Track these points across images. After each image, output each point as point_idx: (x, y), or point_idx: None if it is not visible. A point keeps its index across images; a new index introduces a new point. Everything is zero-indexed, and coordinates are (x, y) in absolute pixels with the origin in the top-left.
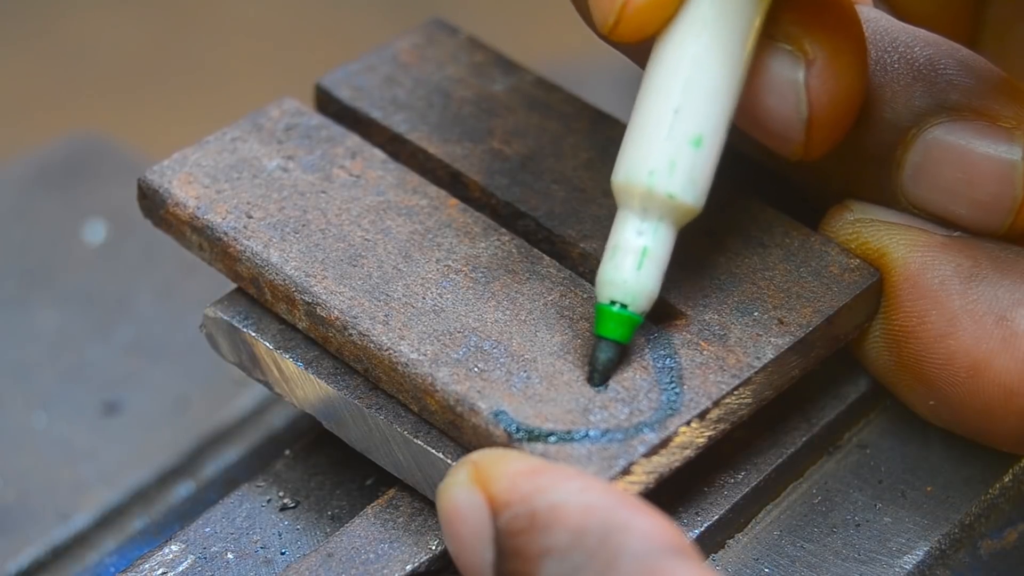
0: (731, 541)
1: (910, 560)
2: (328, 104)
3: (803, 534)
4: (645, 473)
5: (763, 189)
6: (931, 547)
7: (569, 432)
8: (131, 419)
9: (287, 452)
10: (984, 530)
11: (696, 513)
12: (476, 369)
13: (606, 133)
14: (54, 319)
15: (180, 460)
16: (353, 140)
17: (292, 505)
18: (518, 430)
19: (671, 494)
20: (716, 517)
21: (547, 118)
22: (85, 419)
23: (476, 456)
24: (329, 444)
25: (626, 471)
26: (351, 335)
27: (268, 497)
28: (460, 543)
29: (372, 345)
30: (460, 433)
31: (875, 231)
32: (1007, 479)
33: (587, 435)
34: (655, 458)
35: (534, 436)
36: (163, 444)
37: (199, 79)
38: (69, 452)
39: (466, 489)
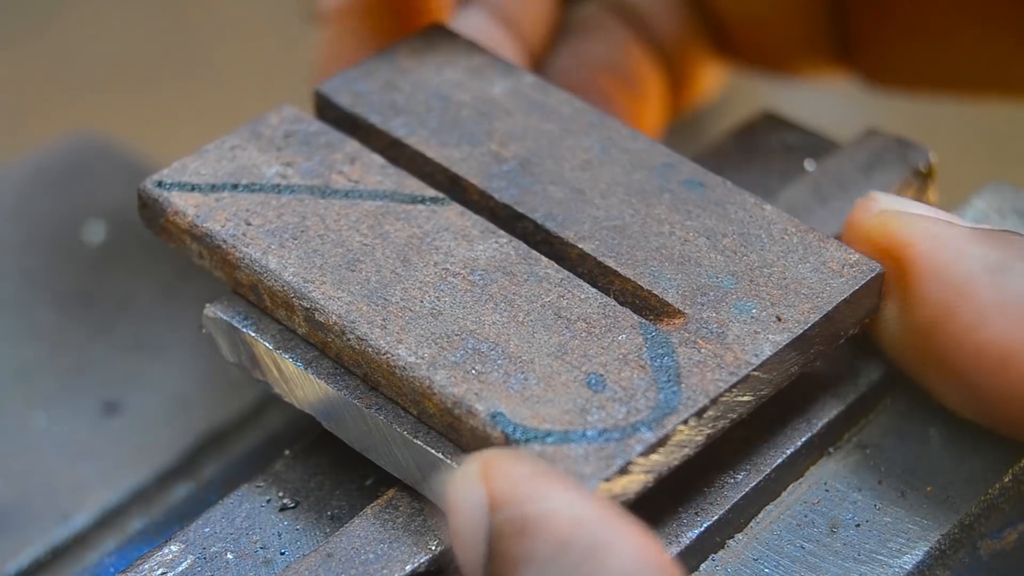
0: (731, 541)
1: (910, 560)
2: (328, 110)
3: (803, 534)
4: (643, 472)
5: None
6: (931, 547)
7: (566, 432)
8: (131, 419)
9: (287, 452)
10: (984, 530)
11: (696, 513)
12: (474, 371)
13: (604, 134)
14: (54, 319)
15: (180, 460)
16: (352, 146)
17: (292, 505)
18: (515, 431)
19: (671, 494)
20: (716, 517)
21: (545, 120)
22: (85, 419)
23: (491, 452)
24: (329, 444)
25: (623, 470)
26: (349, 340)
27: (268, 497)
28: (458, 536)
29: (370, 349)
30: (458, 435)
31: (901, 223)
32: (1007, 479)
33: (584, 435)
34: (653, 457)
35: (531, 437)
36: (163, 444)
37: (199, 79)
38: (69, 452)
39: (473, 483)
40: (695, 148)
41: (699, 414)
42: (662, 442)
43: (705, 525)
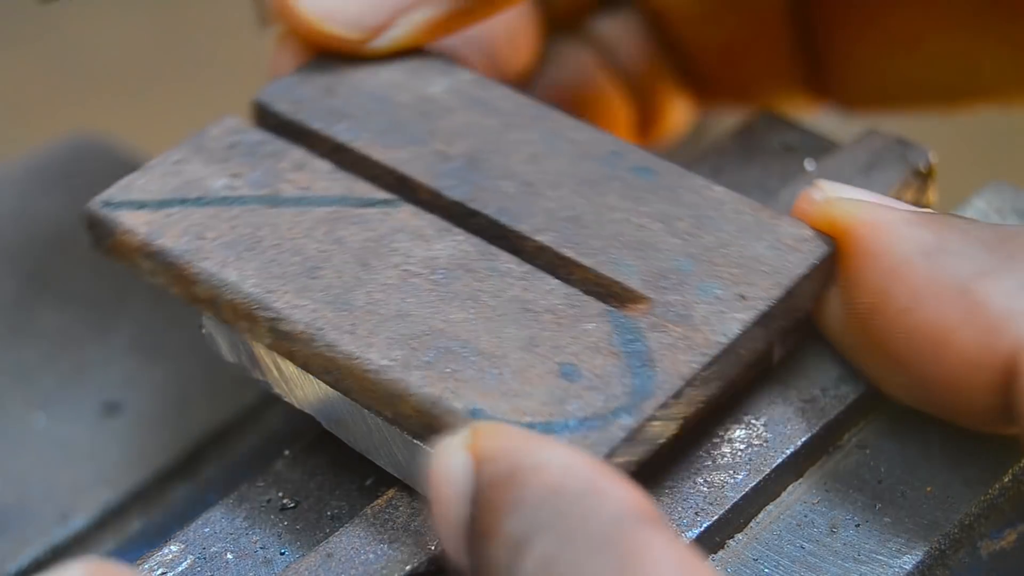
0: (731, 541)
1: (910, 560)
2: (267, 119)
3: (803, 534)
4: (627, 457)
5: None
6: (931, 547)
7: (548, 423)
8: (131, 419)
9: (287, 452)
10: (984, 530)
11: (696, 513)
12: (448, 370)
13: (548, 126)
14: (54, 320)
15: (180, 460)
16: (297, 153)
17: (292, 505)
18: None
19: (671, 494)
20: (716, 517)
21: (487, 115)
22: (85, 419)
23: (478, 424)
24: (329, 444)
25: (609, 456)
26: (318, 347)
27: (268, 497)
28: (441, 501)
29: (340, 355)
30: (438, 436)
31: (841, 209)
32: (1007, 479)
33: (566, 425)
34: (635, 441)
35: None
36: (163, 444)
37: (199, 79)
38: (69, 452)
39: (456, 450)
40: (695, 148)
41: (676, 396)
42: (643, 426)
43: (705, 525)
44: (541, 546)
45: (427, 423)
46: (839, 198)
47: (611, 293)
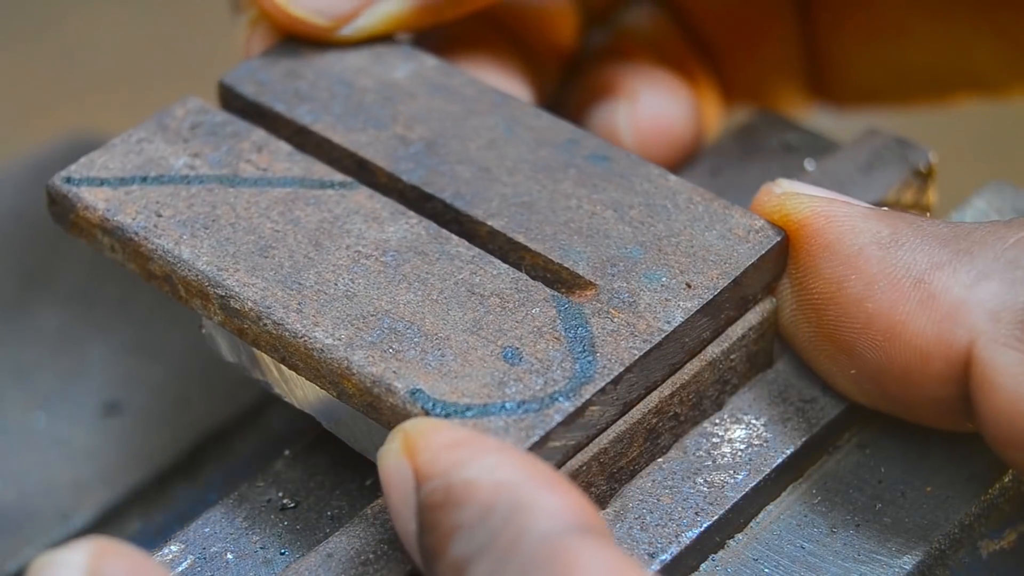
0: (731, 541)
1: (910, 560)
2: (232, 100)
3: (803, 534)
4: (563, 441)
5: None
6: (931, 547)
7: (485, 406)
8: (131, 419)
9: (287, 452)
10: (984, 530)
11: (696, 513)
12: (391, 350)
13: (508, 113)
14: (54, 319)
15: (180, 460)
16: (258, 134)
17: (292, 505)
18: (435, 407)
19: (671, 494)
20: (716, 517)
21: (449, 101)
22: (85, 419)
23: (408, 425)
24: (329, 444)
25: (543, 440)
26: (266, 325)
27: (268, 497)
28: (393, 510)
29: (287, 333)
30: (379, 414)
31: (798, 203)
32: (1007, 479)
33: (503, 407)
34: (572, 426)
35: (451, 412)
36: (163, 444)
37: (199, 79)
38: (69, 452)
39: (396, 458)
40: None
41: (615, 382)
42: (580, 411)
43: (705, 525)
44: (480, 569)
45: (369, 402)
46: (796, 192)
47: (559, 279)
